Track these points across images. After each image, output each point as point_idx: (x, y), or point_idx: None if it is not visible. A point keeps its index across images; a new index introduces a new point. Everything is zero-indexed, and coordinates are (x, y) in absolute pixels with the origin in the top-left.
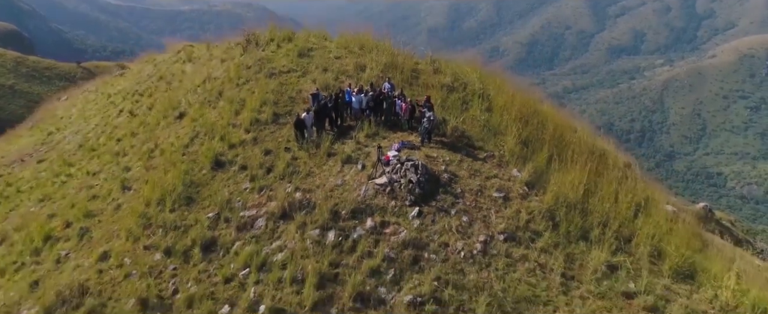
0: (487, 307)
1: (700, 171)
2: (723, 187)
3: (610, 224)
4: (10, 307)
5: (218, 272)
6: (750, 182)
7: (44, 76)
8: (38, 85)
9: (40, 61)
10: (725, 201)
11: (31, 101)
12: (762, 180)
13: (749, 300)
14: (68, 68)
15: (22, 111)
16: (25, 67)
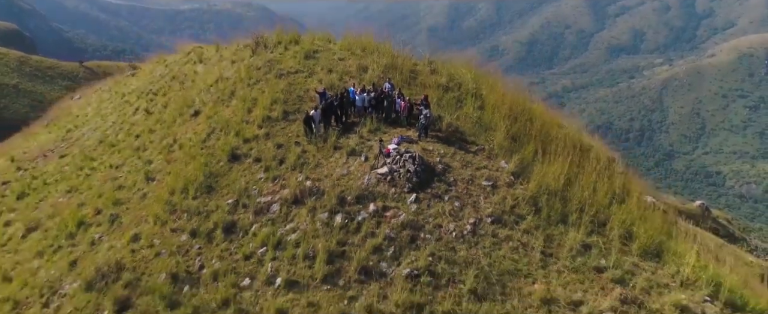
0: (474, 279)
1: (699, 170)
2: (722, 186)
3: (587, 210)
4: (53, 282)
5: (239, 250)
6: (749, 181)
7: (47, 75)
8: (42, 84)
9: (43, 60)
10: (724, 200)
11: (35, 100)
12: (761, 179)
13: (706, 275)
14: (71, 67)
15: (25, 110)
16: (29, 66)
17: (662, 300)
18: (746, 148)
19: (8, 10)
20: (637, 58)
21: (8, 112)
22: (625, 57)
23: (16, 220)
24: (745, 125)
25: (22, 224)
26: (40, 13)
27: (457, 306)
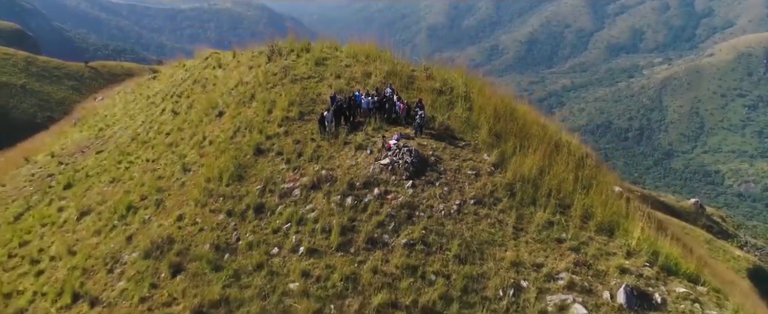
0: (458, 247)
1: (697, 169)
2: (721, 185)
3: (554, 195)
4: (114, 253)
5: (268, 226)
6: (747, 180)
7: (54, 75)
8: (48, 84)
9: (49, 60)
10: (723, 199)
11: (42, 100)
12: (759, 177)
13: (648, 245)
14: (77, 68)
15: (33, 109)
16: (36, 66)
17: (608, 264)
18: (745, 146)
19: (9, 10)
20: (636, 57)
21: (17, 112)
22: (624, 56)
23: (68, 206)
24: (743, 124)
25: (75, 209)
26: (42, 13)
27: (444, 267)
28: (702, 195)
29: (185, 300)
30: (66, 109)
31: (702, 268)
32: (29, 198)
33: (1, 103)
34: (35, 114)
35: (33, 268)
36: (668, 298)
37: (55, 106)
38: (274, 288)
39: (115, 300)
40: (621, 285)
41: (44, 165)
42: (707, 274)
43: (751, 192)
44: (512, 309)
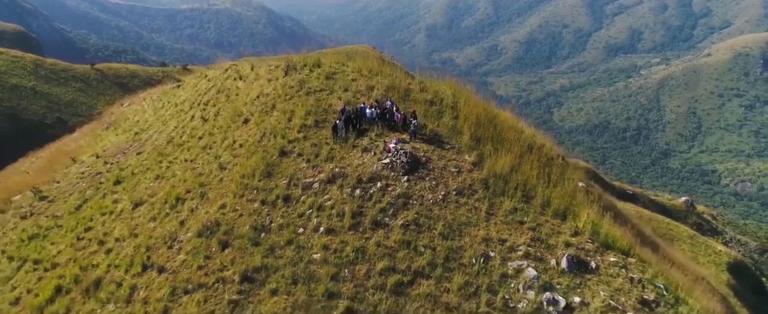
0: (442, 227)
1: (694, 168)
2: (717, 184)
3: (521, 188)
4: (171, 234)
5: (294, 212)
6: (744, 179)
7: (61, 77)
8: (57, 86)
9: (56, 63)
10: (719, 198)
11: (51, 102)
12: (755, 177)
13: (591, 226)
14: (83, 70)
15: (43, 111)
16: (44, 69)
17: (557, 240)
18: (742, 146)
19: (11, 10)
20: (634, 58)
21: (27, 113)
22: (622, 56)
23: (121, 199)
24: (740, 124)
25: (129, 201)
26: (43, 14)
27: (431, 242)
28: (698, 194)
29: (234, 267)
30: (74, 110)
31: (634, 244)
32: (84, 192)
33: (12, 104)
34: (45, 115)
35: (101, 248)
36: (601, 265)
37: (64, 108)
38: (301, 258)
39: (177, 268)
40: (565, 255)
41: (91, 164)
42: (638, 249)
43: (747, 192)
44: (482, 272)
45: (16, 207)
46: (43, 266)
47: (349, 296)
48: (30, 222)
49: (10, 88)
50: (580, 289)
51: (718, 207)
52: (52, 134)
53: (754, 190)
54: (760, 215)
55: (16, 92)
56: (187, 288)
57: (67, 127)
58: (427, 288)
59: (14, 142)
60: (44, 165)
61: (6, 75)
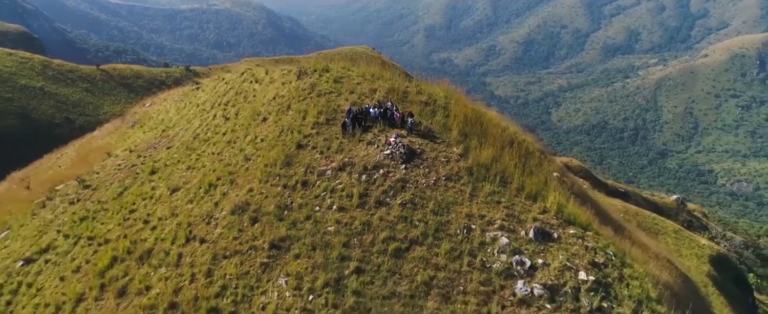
0: (433, 205)
1: (691, 168)
2: (713, 184)
3: (500, 175)
4: (208, 213)
5: (311, 194)
6: (740, 179)
7: (68, 78)
8: (64, 86)
9: (63, 64)
10: (715, 198)
11: (59, 102)
12: (751, 177)
13: (557, 206)
14: (89, 71)
15: (52, 111)
16: (51, 70)
17: (527, 216)
18: (738, 146)
19: (12, 11)
20: (632, 58)
21: (37, 113)
22: (620, 57)
23: (159, 186)
24: (737, 124)
25: (166, 187)
26: (44, 14)
27: (424, 217)
28: (695, 194)
29: (263, 237)
30: (82, 110)
31: (592, 221)
32: (123, 181)
33: (22, 104)
34: (54, 115)
35: (147, 226)
36: (562, 236)
37: (72, 108)
38: (318, 229)
39: (216, 239)
40: (532, 227)
41: (125, 158)
42: (596, 226)
43: (743, 192)
44: (465, 240)
45: (62, 194)
46: (97, 241)
47: (357, 259)
48: (78, 206)
49: (19, 88)
50: (543, 254)
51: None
52: (60, 133)
53: (750, 190)
54: (756, 214)
55: (26, 92)
56: (225, 254)
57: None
58: (420, 253)
59: (26, 140)
60: (76, 160)
61: (16, 76)
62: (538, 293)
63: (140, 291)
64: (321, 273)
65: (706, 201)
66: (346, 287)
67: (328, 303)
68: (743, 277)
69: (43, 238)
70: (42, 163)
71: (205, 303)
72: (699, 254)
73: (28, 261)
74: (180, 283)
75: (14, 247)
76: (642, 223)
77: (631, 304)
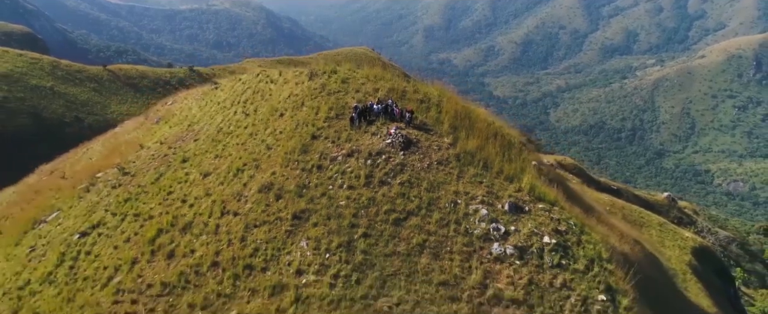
0: (427, 184)
1: (688, 168)
2: (710, 184)
3: (483, 160)
4: (238, 192)
5: (324, 175)
6: (736, 179)
7: (76, 78)
8: (73, 86)
9: (71, 64)
10: (712, 198)
11: (68, 101)
12: (748, 177)
13: (530, 186)
14: (96, 71)
15: (62, 110)
16: (60, 70)
17: (504, 193)
18: (734, 146)
19: (13, 11)
20: (629, 59)
21: (47, 112)
22: (618, 57)
23: (191, 172)
24: (733, 124)
25: (198, 173)
26: (45, 14)
27: (419, 194)
28: (691, 193)
29: (286, 210)
30: (90, 109)
31: (560, 199)
32: (158, 168)
33: (34, 103)
34: (64, 114)
35: (184, 204)
36: (532, 209)
37: (80, 107)
38: (331, 204)
39: (247, 213)
40: (507, 202)
41: (157, 149)
42: (563, 203)
43: (739, 191)
44: (452, 212)
45: (104, 180)
46: (142, 217)
47: (364, 226)
48: (120, 190)
49: (31, 88)
50: (516, 222)
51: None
52: (70, 132)
53: (746, 190)
54: (752, 214)
55: (37, 92)
56: (255, 223)
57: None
58: (415, 221)
59: (38, 138)
60: (107, 152)
61: (27, 76)
62: (509, 252)
63: (186, 253)
64: (335, 237)
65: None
66: (355, 247)
67: (342, 260)
68: (726, 269)
69: (93, 216)
70: (68, 157)
71: (241, 261)
72: (681, 245)
73: (83, 234)
74: (219, 247)
75: (67, 224)
76: (627, 216)
77: (585, 261)
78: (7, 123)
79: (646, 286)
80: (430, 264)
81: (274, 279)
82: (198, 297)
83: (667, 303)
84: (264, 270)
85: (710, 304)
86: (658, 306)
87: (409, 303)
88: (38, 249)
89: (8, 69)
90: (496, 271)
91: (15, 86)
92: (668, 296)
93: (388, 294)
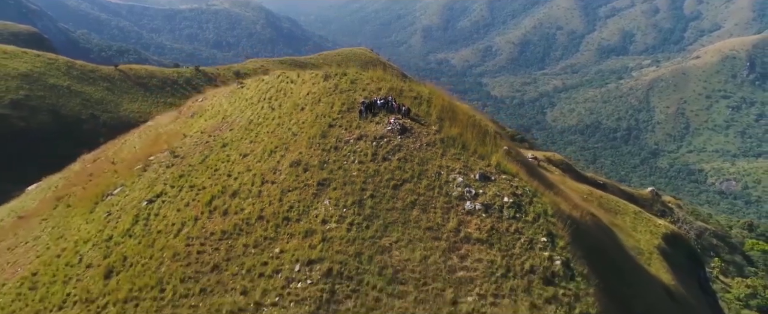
0: (418, 159)
1: (682, 168)
2: (703, 183)
3: (461, 143)
4: (274, 167)
5: (340, 154)
6: (728, 178)
7: (90, 78)
8: (87, 85)
9: (85, 64)
10: (705, 197)
11: (84, 100)
12: (740, 176)
13: (497, 162)
14: (108, 71)
15: (79, 108)
16: (75, 70)
17: (476, 166)
18: (728, 146)
19: (17, 11)
20: (626, 59)
21: (65, 110)
22: (614, 58)
23: (232, 153)
24: (727, 124)
25: (238, 154)
26: (48, 14)
27: (412, 167)
28: (685, 192)
29: (312, 179)
30: (104, 107)
31: (520, 172)
32: (203, 152)
33: (53, 102)
34: (80, 112)
35: (230, 178)
36: (497, 179)
37: (95, 105)
38: (346, 174)
39: (281, 182)
40: (478, 172)
41: (198, 137)
42: (523, 175)
43: (732, 190)
44: (436, 179)
45: (157, 162)
46: (196, 188)
47: (371, 190)
48: (174, 168)
49: (49, 87)
50: (484, 187)
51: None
52: (87, 129)
53: (739, 189)
54: (744, 212)
55: (55, 91)
56: (288, 189)
57: (100, 122)
58: (409, 187)
59: (58, 135)
60: (151, 141)
61: (45, 75)
62: (478, 208)
63: (237, 211)
64: (349, 197)
65: (696, 200)
66: (365, 204)
67: (355, 213)
68: (696, 254)
69: (154, 188)
70: (107, 148)
71: (281, 215)
72: (653, 231)
73: (149, 201)
74: (263, 206)
75: (133, 195)
76: (604, 204)
77: (533, 215)
78: (30, 120)
79: (593, 247)
80: (419, 216)
81: (306, 226)
82: (250, 240)
83: (614, 264)
84: (298, 220)
85: (670, 279)
86: (601, 265)
87: (404, 241)
88: (113, 213)
89: (28, 69)
90: (467, 221)
91: (35, 85)
92: (617, 260)
93: (389, 235)
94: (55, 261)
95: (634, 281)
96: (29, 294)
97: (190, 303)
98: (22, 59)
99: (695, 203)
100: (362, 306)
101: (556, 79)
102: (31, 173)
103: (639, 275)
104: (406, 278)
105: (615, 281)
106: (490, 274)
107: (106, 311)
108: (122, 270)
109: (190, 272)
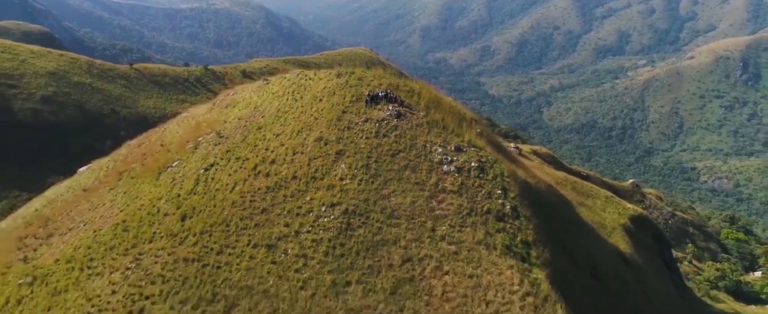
0: (409, 136)
1: (675, 166)
2: (696, 181)
3: (442, 125)
4: (302, 142)
5: (352, 132)
6: (721, 176)
7: (108, 76)
8: (107, 83)
9: (103, 63)
10: (697, 194)
11: (105, 96)
12: (732, 174)
13: (470, 139)
14: (124, 69)
15: (101, 104)
16: (95, 68)
17: (453, 141)
18: (721, 145)
19: (23, 11)
20: (621, 59)
21: (89, 105)
22: (610, 58)
23: (266, 134)
24: (720, 124)
25: (272, 134)
26: (52, 13)
27: (405, 141)
28: (678, 190)
29: (331, 150)
30: (123, 103)
31: (486, 146)
32: (242, 133)
33: (78, 98)
34: (102, 107)
35: (268, 151)
36: (468, 150)
37: (115, 101)
38: (357, 145)
39: (309, 152)
40: (454, 145)
41: (236, 123)
42: (489, 149)
43: (724, 188)
44: (423, 150)
45: (205, 141)
46: (242, 159)
47: (374, 157)
48: (221, 146)
49: (74, 84)
50: (457, 155)
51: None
52: (109, 123)
53: (731, 187)
54: (735, 210)
55: (79, 88)
56: (314, 157)
57: (121, 117)
58: (403, 155)
59: (83, 128)
60: (191, 128)
61: (69, 73)
62: (452, 170)
63: (276, 173)
64: (359, 162)
65: (688, 197)
66: (370, 166)
67: (363, 172)
68: (662, 234)
69: (207, 160)
70: (149, 135)
71: (309, 174)
72: (621, 213)
73: (206, 169)
74: (295, 169)
75: (190, 166)
76: (576, 188)
77: (492, 175)
78: (59, 114)
79: (541, 202)
80: (410, 175)
81: (328, 182)
82: (288, 192)
83: (561, 217)
84: (322, 178)
85: (628, 249)
86: (545, 215)
87: (399, 191)
88: (176, 179)
89: (54, 67)
90: (444, 178)
91: (61, 82)
92: (566, 217)
93: (388, 187)
94: (137, 213)
95: (582, 235)
96: (123, 235)
97: (248, 232)
98: (47, 58)
99: (688, 200)
100: (369, 232)
101: (553, 78)
102: (62, 162)
103: (588, 234)
104: (400, 214)
105: (560, 231)
106: (459, 213)
107: (187, 240)
108: (194, 215)
109: (246, 214)
